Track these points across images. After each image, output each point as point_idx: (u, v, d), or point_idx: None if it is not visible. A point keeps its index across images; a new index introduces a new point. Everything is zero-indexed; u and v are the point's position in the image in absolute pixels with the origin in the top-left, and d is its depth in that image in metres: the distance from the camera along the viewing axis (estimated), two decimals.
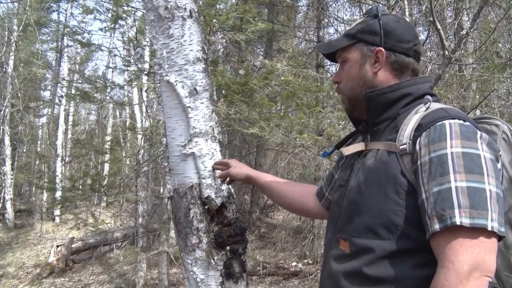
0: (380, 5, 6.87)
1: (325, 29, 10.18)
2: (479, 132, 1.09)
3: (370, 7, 1.37)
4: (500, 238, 1.01)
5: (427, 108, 1.18)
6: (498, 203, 1.01)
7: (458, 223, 0.98)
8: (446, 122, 1.09)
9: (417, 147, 1.11)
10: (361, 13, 6.74)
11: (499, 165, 1.10)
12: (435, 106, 1.19)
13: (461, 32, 3.02)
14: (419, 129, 1.13)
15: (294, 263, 8.25)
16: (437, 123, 1.10)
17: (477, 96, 6.02)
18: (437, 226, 1.01)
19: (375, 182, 1.18)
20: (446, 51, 2.99)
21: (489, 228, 0.97)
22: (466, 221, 0.97)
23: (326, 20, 9.19)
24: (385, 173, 1.16)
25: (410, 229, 1.10)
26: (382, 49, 1.28)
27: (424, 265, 1.07)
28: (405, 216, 1.11)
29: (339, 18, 9.11)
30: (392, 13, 1.36)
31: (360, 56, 1.32)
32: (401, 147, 1.15)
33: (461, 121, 1.10)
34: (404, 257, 1.10)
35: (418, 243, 1.08)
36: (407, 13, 7.31)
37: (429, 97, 1.21)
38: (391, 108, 1.27)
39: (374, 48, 1.30)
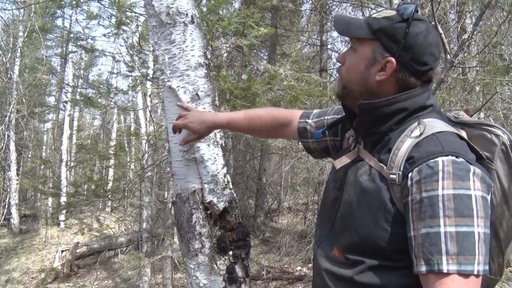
0: (384, 7, 6.87)
1: (328, 33, 10.19)
2: (472, 169, 1.07)
3: (409, 3, 1.22)
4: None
5: (420, 134, 1.15)
6: (485, 244, 1.03)
7: (445, 271, 1.00)
8: (439, 160, 1.07)
9: (409, 182, 1.09)
10: (364, 16, 6.73)
11: (489, 197, 1.09)
12: (429, 130, 1.15)
13: (463, 36, 3.02)
14: (410, 162, 1.11)
15: (298, 268, 8.22)
16: (430, 160, 1.08)
17: (481, 99, 6.01)
18: (423, 269, 1.03)
19: (366, 205, 1.18)
20: (448, 55, 2.99)
21: (475, 273, 1.00)
22: (453, 268, 1.00)
23: (329, 24, 9.20)
24: (376, 198, 1.16)
25: (397, 255, 1.13)
26: (394, 61, 1.19)
27: (411, 274, 1.09)
28: (392, 243, 1.13)
29: None
30: (428, 21, 1.23)
31: (371, 55, 1.22)
32: (391, 176, 1.14)
33: (454, 158, 1.07)
34: (392, 270, 1.13)
35: (401, 264, 1.11)
36: None
37: (424, 123, 1.17)
38: (384, 123, 1.22)
39: (387, 55, 1.19)
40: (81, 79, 15.17)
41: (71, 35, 12.66)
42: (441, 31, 2.94)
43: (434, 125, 1.16)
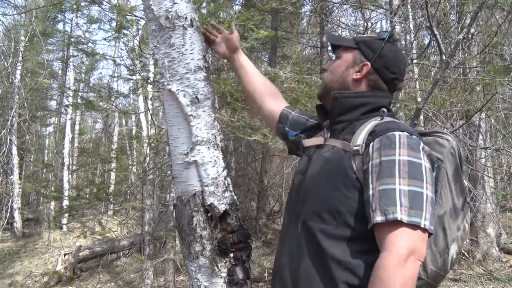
0: (383, 9, 6.88)
1: None
2: (422, 144, 1.30)
3: (386, 31, 1.58)
4: (429, 234, 1.21)
5: (381, 119, 1.39)
6: (432, 206, 1.23)
7: (399, 218, 1.17)
8: (396, 133, 1.29)
9: (370, 150, 1.30)
10: (364, 19, 6.75)
11: (434, 174, 1.32)
12: (388, 118, 1.39)
13: (457, 37, 3.03)
14: (373, 134, 1.33)
15: None
16: (389, 133, 1.30)
17: (481, 99, 6.01)
18: (379, 218, 1.20)
19: (328, 172, 1.36)
20: (444, 56, 3.00)
21: (422, 226, 1.18)
22: (404, 218, 1.17)
23: (329, 26, 9.21)
24: (337, 166, 1.34)
25: (352, 219, 1.28)
26: (369, 64, 1.49)
27: (365, 252, 1.25)
28: (349, 207, 1.29)
29: (342, 24, 9.12)
30: (399, 45, 1.57)
31: (352, 60, 1.53)
32: (354, 147, 1.34)
33: (408, 134, 1.30)
34: (347, 243, 1.28)
35: (358, 232, 1.27)
36: (410, 17, 7.32)
37: (385, 110, 1.41)
38: (351, 112, 1.46)
39: (365, 60, 1.50)
40: (82, 83, 15.18)
41: (72, 39, 12.66)
42: (436, 32, 2.96)
43: (393, 119, 1.41)
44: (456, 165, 1.40)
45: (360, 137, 1.35)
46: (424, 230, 1.19)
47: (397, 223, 1.17)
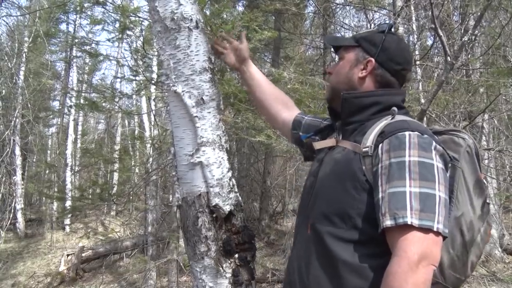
0: (387, 10, 6.88)
1: None
2: (434, 144, 1.24)
3: (385, 22, 1.54)
4: (444, 237, 1.16)
5: (392, 118, 1.34)
6: (445, 208, 1.17)
7: (409, 222, 1.12)
8: (406, 133, 1.24)
9: (379, 151, 1.25)
10: (367, 20, 6.75)
11: (448, 174, 1.26)
12: (400, 117, 1.34)
13: (463, 38, 3.03)
14: (382, 135, 1.28)
15: None
16: (399, 133, 1.24)
17: (485, 101, 6.00)
18: (389, 222, 1.15)
19: (337, 175, 1.33)
20: (448, 57, 2.99)
21: (435, 229, 1.13)
22: (415, 222, 1.13)
23: (333, 27, 9.21)
24: (347, 168, 1.30)
25: (361, 222, 1.24)
26: (373, 60, 1.44)
27: (375, 256, 1.21)
28: (359, 210, 1.25)
29: (345, 25, 9.12)
30: (399, 36, 1.51)
31: (354, 58, 1.48)
32: (364, 149, 1.30)
33: (419, 134, 1.24)
34: (357, 246, 1.24)
35: (368, 235, 1.22)
36: (413, 18, 7.31)
37: (395, 108, 1.35)
38: (362, 112, 1.42)
39: (368, 57, 1.45)
40: (85, 83, 15.20)
41: (75, 40, 12.69)
42: (441, 34, 2.96)
43: (405, 117, 1.37)
44: (473, 164, 1.34)
45: (370, 138, 1.30)
46: (437, 233, 1.14)
47: (407, 227, 1.13)
